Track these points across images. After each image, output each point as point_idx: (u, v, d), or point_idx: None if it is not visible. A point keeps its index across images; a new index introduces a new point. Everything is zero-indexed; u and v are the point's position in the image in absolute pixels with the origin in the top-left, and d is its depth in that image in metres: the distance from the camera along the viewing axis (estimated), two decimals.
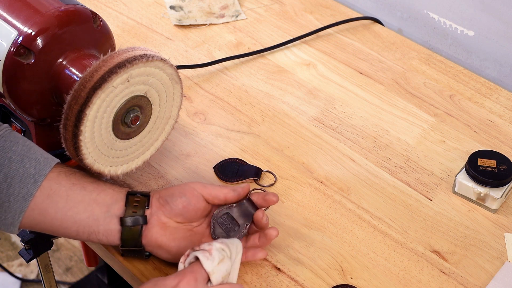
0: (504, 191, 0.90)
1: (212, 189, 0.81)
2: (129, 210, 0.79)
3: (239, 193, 0.82)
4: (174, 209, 0.80)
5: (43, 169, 0.77)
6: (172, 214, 0.80)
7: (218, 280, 0.75)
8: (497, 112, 1.06)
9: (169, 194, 0.80)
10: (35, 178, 0.76)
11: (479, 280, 0.84)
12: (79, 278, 1.79)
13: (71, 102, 0.76)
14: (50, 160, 0.78)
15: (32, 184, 0.76)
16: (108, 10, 1.23)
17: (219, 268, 0.76)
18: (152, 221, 0.80)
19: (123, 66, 0.76)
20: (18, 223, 0.76)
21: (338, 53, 1.16)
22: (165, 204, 0.80)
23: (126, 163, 0.85)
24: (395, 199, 0.93)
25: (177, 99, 0.86)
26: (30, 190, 0.76)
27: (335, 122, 1.03)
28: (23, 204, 0.76)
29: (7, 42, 0.81)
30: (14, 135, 0.79)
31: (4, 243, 1.89)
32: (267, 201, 0.82)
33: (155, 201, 0.80)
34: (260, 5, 1.26)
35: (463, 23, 1.16)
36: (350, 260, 0.85)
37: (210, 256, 0.75)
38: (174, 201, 0.80)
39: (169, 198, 0.80)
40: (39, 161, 0.77)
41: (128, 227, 0.79)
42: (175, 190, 0.81)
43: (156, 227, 0.80)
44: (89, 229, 0.78)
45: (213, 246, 0.76)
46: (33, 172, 0.76)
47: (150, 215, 0.80)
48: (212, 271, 0.75)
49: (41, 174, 0.76)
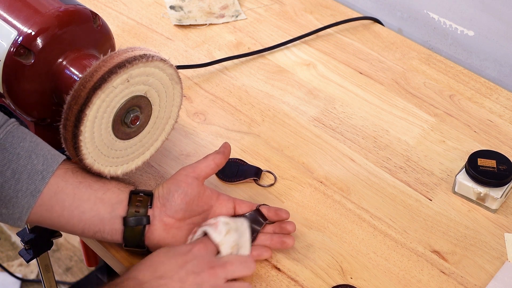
0: (504, 191, 0.90)
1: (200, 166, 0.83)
2: (132, 209, 0.79)
3: (223, 152, 0.84)
4: (174, 206, 0.80)
5: (50, 166, 0.77)
6: (173, 211, 0.80)
7: (227, 251, 0.79)
8: (497, 112, 1.06)
9: (167, 191, 0.81)
10: (43, 174, 0.77)
11: (479, 280, 0.84)
12: (79, 278, 1.79)
13: (71, 102, 0.76)
14: (58, 156, 0.79)
15: (40, 180, 0.76)
16: (108, 10, 1.23)
17: (227, 239, 0.79)
18: (155, 223, 0.80)
19: (123, 66, 0.76)
20: (26, 218, 0.77)
21: (338, 53, 1.16)
22: (165, 202, 0.80)
23: (126, 163, 0.85)
24: (395, 199, 0.93)
25: (177, 99, 0.86)
26: (38, 186, 0.76)
27: (335, 122, 1.03)
28: (31, 200, 0.76)
29: (7, 42, 0.81)
30: (22, 130, 0.79)
31: (4, 243, 1.89)
32: (278, 216, 0.85)
33: (156, 201, 0.81)
34: (260, 5, 1.26)
35: (463, 23, 1.16)
36: (350, 260, 0.85)
37: (217, 229, 0.79)
38: (171, 197, 0.80)
39: (167, 195, 0.80)
40: (47, 157, 0.78)
41: (130, 227, 0.79)
42: (171, 185, 0.81)
43: (158, 229, 0.80)
44: (95, 228, 0.79)
45: (219, 220, 0.80)
46: (41, 168, 0.77)
47: (153, 216, 0.80)
48: (221, 242, 0.78)
49: (48, 171, 0.77)
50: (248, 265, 0.79)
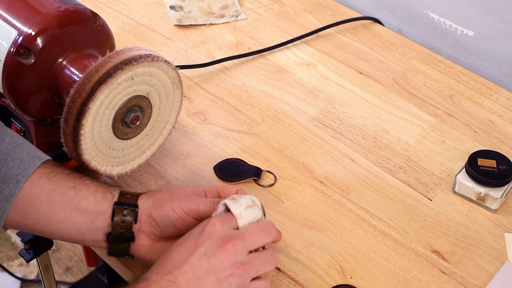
0: (504, 191, 0.90)
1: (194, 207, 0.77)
2: (116, 226, 0.76)
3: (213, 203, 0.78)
4: (166, 233, 0.77)
5: (26, 169, 0.74)
6: (162, 236, 0.77)
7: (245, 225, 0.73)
8: (497, 112, 1.06)
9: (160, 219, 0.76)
10: (17, 178, 0.74)
11: (479, 280, 0.84)
12: (79, 278, 1.79)
13: (74, 95, 0.76)
14: (36, 159, 0.76)
15: (14, 184, 0.74)
16: (108, 10, 1.23)
17: (247, 213, 0.73)
18: (141, 237, 0.77)
19: (128, 63, 0.77)
20: (2, 223, 0.75)
21: (338, 53, 1.16)
22: (156, 227, 0.77)
23: (122, 164, 0.85)
24: (395, 199, 0.93)
25: (177, 103, 0.87)
26: (12, 191, 0.73)
27: (335, 122, 1.03)
28: (5, 205, 0.74)
29: (7, 42, 0.81)
30: (3, 131, 0.77)
31: (4, 243, 1.89)
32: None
33: (145, 218, 0.77)
34: (260, 5, 1.26)
35: (463, 23, 1.16)
36: (350, 260, 0.85)
37: (238, 201, 0.73)
38: (166, 227, 0.76)
39: (160, 223, 0.76)
40: (24, 160, 0.75)
41: (116, 244, 0.77)
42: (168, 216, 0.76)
43: (145, 244, 0.77)
44: (74, 237, 0.77)
45: (242, 196, 0.75)
46: (16, 172, 0.74)
47: (138, 231, 0.77)
48: (240, 214, 0.72)
49: (23, 175, 0.74)
50: (269, 230, 0.73)
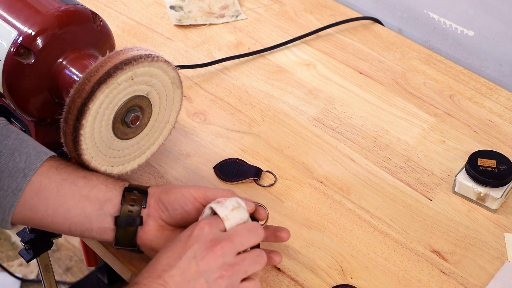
0: (504, 191, 0.90)
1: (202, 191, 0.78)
2: (125, 209, 0.77)
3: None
4: (174, 218, 0.78)
5: (33, 163, 0.75)
6: (170, 221, 0.78)
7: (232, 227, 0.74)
8: (497, 112, 1.06)
9: (169, 201, 0.78)
10: (25, 172, 0.75)
11: (479, 280, 0.84)
12: (79, 278, 1.79)
13: (75, 95, 0.76)
14: (42, 154, 0.77)
15: (22, 178, 0.74)
16: (108, 10, 1.23)
17: (233, 215, 0.74)
18: (149, 223, 0.78)
19: (128, 63, 0.76)
20: (9, 218, 0.75)
21: (338, 53, 1.16)
22: (165, 210, 0.78)
23: (122, 164, 0.85)
24: (395, 199, 0.93)
25: (177, 104, 0.87)
26: (19, 184, 0.74)
27: (335, 122, 1.03)
28: (13, 199, 0.74)
29: (7, 42, 0.81)
30: (8, 128, 0.78)
31: (4, 243, 1.89)
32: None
33: (154, 203, 0.78)
34: (260, 5, 1.26)
35: (463, 23, 1.16)
36: (350, 260, 0.85)
37: (223, 204, 0.75)
38: (174, 210, 0.78)
39: (169, 206, 0.78)
40: (30, 155, 0.76)
41: (123, 228, 0.77)
42: (176, 199, 0.78)
43: (152, 230, 0.78)
44: (82, 226, 0.77)
45: (228, 198, 0.76)
46: (23, 166, 0.75)
47: (147, 216, 0.78)
48: (226, 216, 0.74)
49: (31, 168, 0.75)
50: (256, 231, 0.74)
